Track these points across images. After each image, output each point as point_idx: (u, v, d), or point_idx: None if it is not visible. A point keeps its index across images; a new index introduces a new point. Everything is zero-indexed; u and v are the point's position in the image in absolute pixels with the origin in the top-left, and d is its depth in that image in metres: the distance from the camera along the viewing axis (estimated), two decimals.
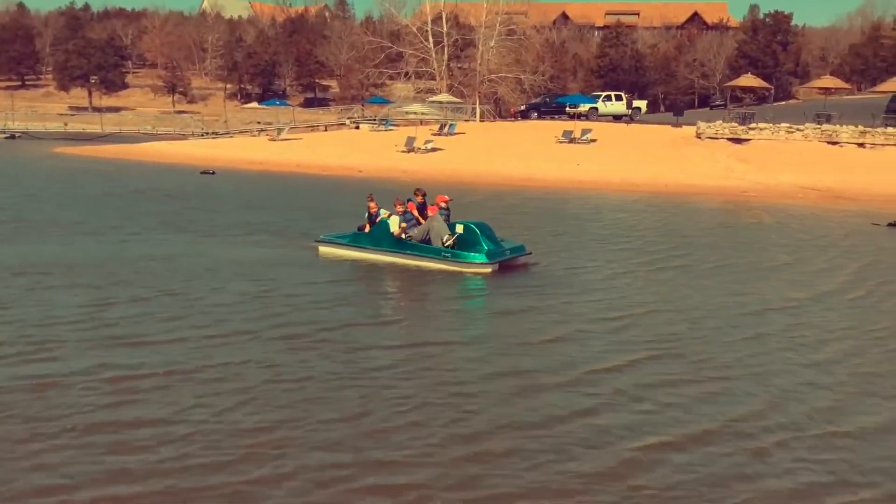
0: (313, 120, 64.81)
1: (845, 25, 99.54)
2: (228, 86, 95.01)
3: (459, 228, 14.44)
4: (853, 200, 26.97)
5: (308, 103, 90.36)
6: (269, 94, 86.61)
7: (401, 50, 59.39)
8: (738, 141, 35.55)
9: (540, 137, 40.30)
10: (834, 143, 34.18)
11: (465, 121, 51.14)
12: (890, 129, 34.49)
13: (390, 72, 61.97)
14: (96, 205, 22.61)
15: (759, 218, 23.12)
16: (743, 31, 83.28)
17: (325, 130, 57.08)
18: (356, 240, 15.38)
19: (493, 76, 55.77)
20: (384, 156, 37.50)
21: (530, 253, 15.08)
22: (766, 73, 66.80)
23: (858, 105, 44.79)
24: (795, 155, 32.86)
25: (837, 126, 35.03)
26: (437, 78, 57.72)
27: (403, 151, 38.15)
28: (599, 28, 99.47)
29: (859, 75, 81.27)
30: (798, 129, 35.15)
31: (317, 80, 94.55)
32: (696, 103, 78.70)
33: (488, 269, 14.02)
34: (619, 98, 51.26)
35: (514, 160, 34.37)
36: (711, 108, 66.89)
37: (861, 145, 33.83)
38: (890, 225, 21.24)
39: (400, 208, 14.94)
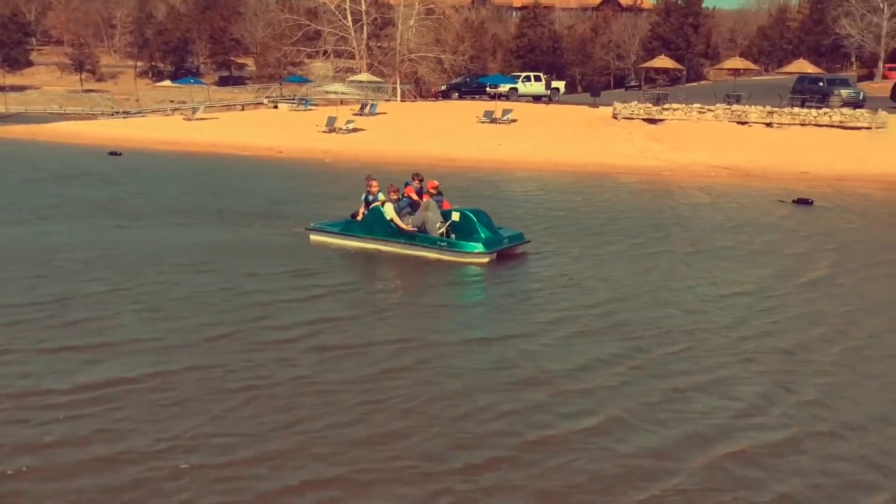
0: (229, 99, 63.41)
1: (753, 7, 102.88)
2: (139, 63, 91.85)
3: (455, 216, 13.82)
4: (761, 178, 28.09)
5: (223, 82, 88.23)
6: (182, 73, 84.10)
7: (319, 28, 58.51)
8: (652, 121, 36.46)
9: (461, 118, 40.45)
10: (743, 123, 35.42)
11: (387, 101, 50.86)
12: (796, 109, 35.96)
13: (308, 50, 61.04)
14: (24, 191, 21.39)
15: (687, 199, 23.85)
16: (656, 13, 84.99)
17: (242, 110, 55.90)
18: (348, 228, 14.71)
19: (413, 56, 55.55)
20: (304, 136, 37.03)
21: (529, 241, 14.66)
22: (678, 54, 68.46)
23: (766, 86, 46.47)
24: (707, 134, 33.94)
25: (746, 106, 36.30)
26: (357, 57, 57.15)
27: (324, 132, 37.76)
28: (517, 8, 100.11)
29: (767, 56, 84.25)
30: (709, 110, 36.27)
31: (232, 58, 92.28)
32: (612, 84, 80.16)
33: (486, 259, 13.48)
34: (538, 79, 51.71)
35: (437, 140, 34.43)
36: (627, 88, 68.26)
37: (769, 125, 35.18)
38: (794, 202, 22.24)
39: (394, 195, 14.25)
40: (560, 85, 54.03)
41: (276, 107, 53.30)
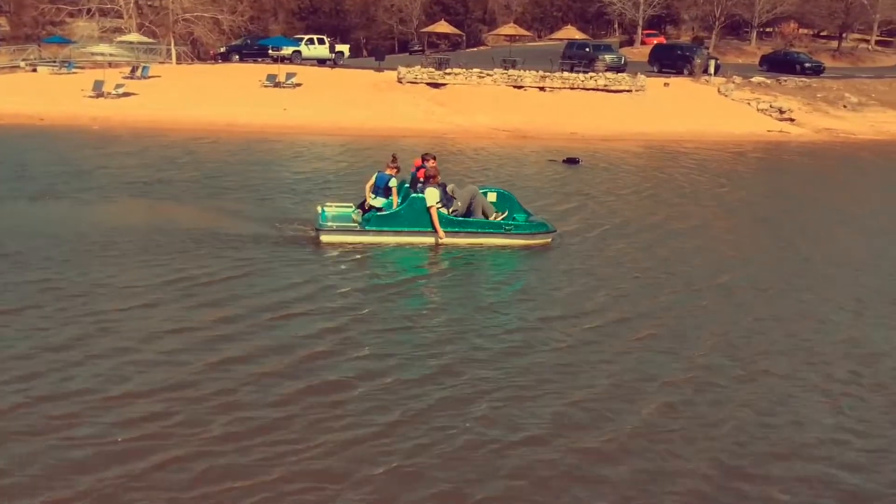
0: None
1: None
2: None
3: (492, 196, 13.05)
4: (536, 139, 29.70)
5: None
6: None
7: None
8: (435, 85, 37.28)
9: (243, 81, 39.11)
10: (519, 88, 37.17)
11: (161, 63, 48.00)
12: (566, 74, 38.26)
13: (70, 8, 56.27)
14: None
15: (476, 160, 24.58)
16: None
17: None
18: (382, 222, 12.49)
19: (187, 15, 52.78)
20: (69, 102, 34.17)
21: None
22: (457, 20, 70.22)
23: (539, 51, 48.92)
24: (487, 98, 35.29)
25: (522, 71, 38.08)
26: (125, 16, 53.43)
27: (91, 97, 35.08)
28: None
29: (539, 23, 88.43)
30: (488, 74, 37.67)
31: None
32: (397, 48, 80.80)
33: (549, 240, 12.87)
34: (322, 42, 51.05)
35: (217, 105, 33.09)
36: (410, 53, 69.02)
37: (542, 89, 37.18)
38: (564, 161, 23.74)
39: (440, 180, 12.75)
40: (344, 48, 53.68)
41: (34, 70, 48.61)
